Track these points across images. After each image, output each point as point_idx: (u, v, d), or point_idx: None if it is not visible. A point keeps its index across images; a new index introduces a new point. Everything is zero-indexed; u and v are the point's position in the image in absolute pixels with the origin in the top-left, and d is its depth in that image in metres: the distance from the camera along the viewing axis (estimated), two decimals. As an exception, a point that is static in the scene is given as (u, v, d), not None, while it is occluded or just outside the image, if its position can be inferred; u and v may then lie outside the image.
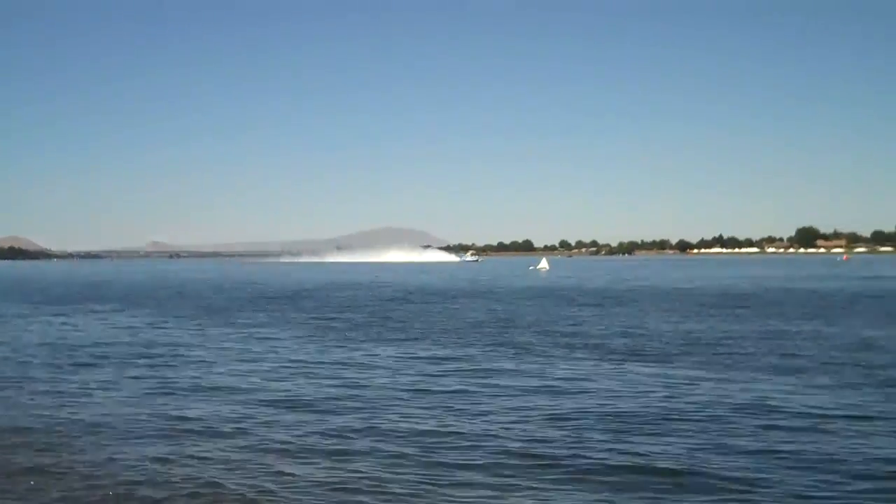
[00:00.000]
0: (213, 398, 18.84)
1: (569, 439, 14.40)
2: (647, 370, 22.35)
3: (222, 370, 23.36)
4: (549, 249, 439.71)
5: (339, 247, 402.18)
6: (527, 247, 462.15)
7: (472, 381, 20.92)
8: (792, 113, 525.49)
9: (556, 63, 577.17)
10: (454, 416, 16.59)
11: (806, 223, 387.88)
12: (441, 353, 26.82)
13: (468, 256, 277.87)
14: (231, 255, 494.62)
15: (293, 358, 25.90)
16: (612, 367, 23.10)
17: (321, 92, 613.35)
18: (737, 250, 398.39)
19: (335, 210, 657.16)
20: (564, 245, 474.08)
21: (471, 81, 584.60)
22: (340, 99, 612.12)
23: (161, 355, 26.92)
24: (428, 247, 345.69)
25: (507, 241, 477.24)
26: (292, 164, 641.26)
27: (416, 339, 31.15)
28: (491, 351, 27.16)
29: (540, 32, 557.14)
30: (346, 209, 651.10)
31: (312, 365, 24.27)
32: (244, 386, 20.48)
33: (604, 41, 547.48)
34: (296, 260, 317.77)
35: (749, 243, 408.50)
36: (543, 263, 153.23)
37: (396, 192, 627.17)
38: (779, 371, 21.90)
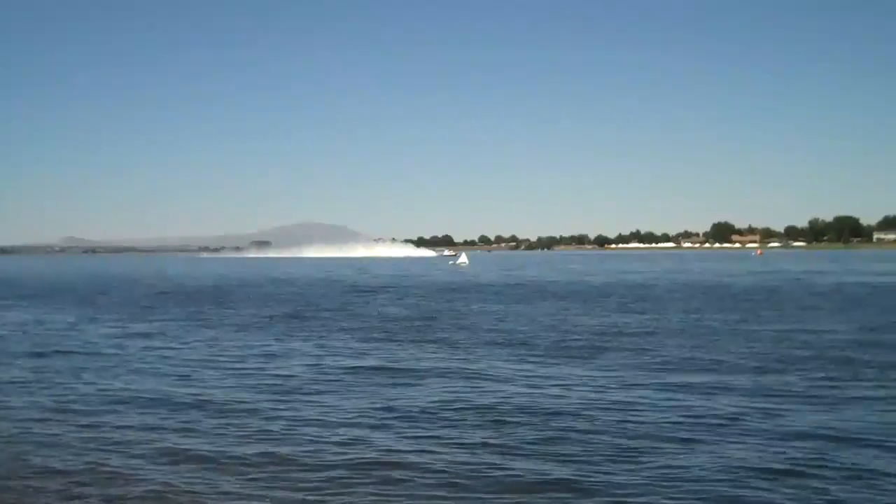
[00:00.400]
0: (130, 402, 18.28)
1: (479, 442, 14.25)
2: (565, 367, 22.37)
3: (137, 370, 22.77)
4: (468, 244, 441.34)
5: (257, 241, 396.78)
6: (446, 241, 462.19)
7: (392, 379, 20.65)
8: (705, 109, 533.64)
9: (473, 56, 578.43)
10: (370, 415, 16.38)
11: (721, 219, 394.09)
12: (362, 348, 26.56)
13: (446, 252, 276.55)
14: (150, 251, 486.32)
15: (204, 357, 25.34)
16: (534, 363, 23.13)
17: (237, 88, 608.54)
18: (653, 245, 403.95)
19: (252, 206, 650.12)
20: (484, 240, 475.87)
21: (384, 75, 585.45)
22: (256, 95, 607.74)
23: (76, 354, 26.16)
24: (406, 241, 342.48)
25: (426, 236, 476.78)
26: (208, 159, 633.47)
27: (338, 334, 30.84)
28: (412, 347, 26.97)
29: (457, 38, 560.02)
30: (262, 205, 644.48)
31: (229, 363, 23.82)
32: (162, 387, 19.99)
33: (504, 40, 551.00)
34: (218, 256, 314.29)
35: (666, 238, 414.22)
36: (463, 258, 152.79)
37: (314, 188, 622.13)
38: (697, 366, 22.10)
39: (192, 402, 17.66)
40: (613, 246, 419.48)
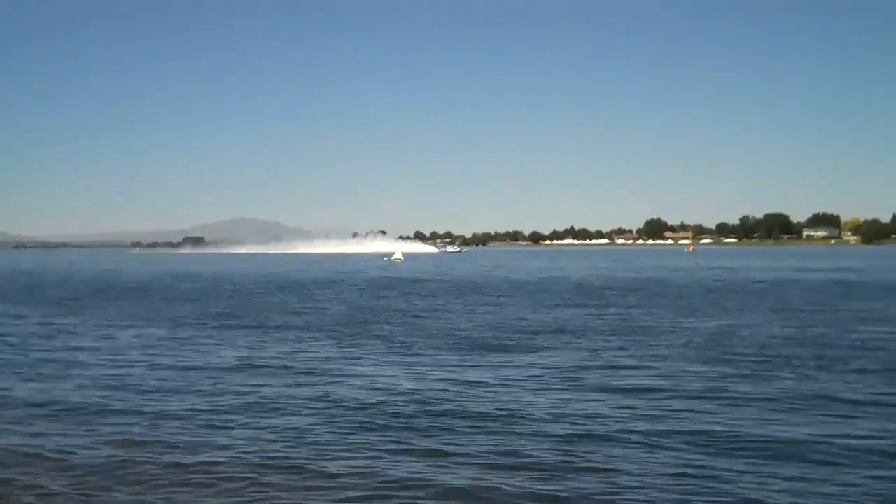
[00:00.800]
0: (47, 405, 17.57)
1: (412, 446, 13.86)
2: (503, 367, 22.04)
3: (59, 371, 21.94)
4: (403, 240, 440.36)
5: (191, 237, 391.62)
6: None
7: (325, 377, 20.11)
8: (640, 108, 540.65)
9: (406, 55, 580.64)
10: (305, 415, 15.84)
11: (654, 215, 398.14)
12: (297, 346, 26.00)
13: (449, 248, 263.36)
14: (80, 246, 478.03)
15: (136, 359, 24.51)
16: (468, 362, 22.80)
17: (166, 83, 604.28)
18: (587, 241, 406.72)
19: (184, 200, 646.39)
20: (419, 236, 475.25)
21: (318, 71, 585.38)
22: (186, 90, 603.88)
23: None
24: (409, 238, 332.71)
25: (362, 232, 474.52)
26: (137, 154, 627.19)
27: (274, 331, 30.21)
28: (349, 344, 26.49)
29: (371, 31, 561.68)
30: (194, 200, 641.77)
31: (148, 357, 23.10)
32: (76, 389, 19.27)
33: (452, 35, 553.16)
34: (152, 252, 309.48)
35: (599, 234, 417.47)
36: (398, 255, 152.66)
37: (244, 183, 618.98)
38: (633, 364, 21.93)
39: (121, 408, 17.02)
40: (548, 242, 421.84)
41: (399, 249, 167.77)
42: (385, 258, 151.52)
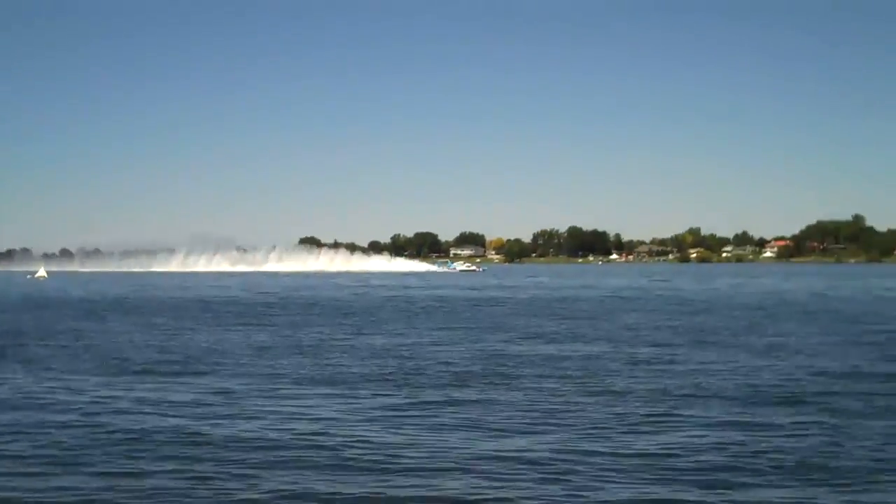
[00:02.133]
0: None
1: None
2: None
3: None
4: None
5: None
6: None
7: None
8: (287, 128, 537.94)
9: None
10: None
11: (308, 233, 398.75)
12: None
13: (459, 266, 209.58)
14: None
15: None
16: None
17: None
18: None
19: None
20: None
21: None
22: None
23: None
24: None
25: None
26: None
27: None
28: None
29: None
30: None
31: None
32: None
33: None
34: None
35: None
36: (42, 272, 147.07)
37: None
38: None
39: None
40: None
41: (42, 267, 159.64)
42: (28, 276, 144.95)
